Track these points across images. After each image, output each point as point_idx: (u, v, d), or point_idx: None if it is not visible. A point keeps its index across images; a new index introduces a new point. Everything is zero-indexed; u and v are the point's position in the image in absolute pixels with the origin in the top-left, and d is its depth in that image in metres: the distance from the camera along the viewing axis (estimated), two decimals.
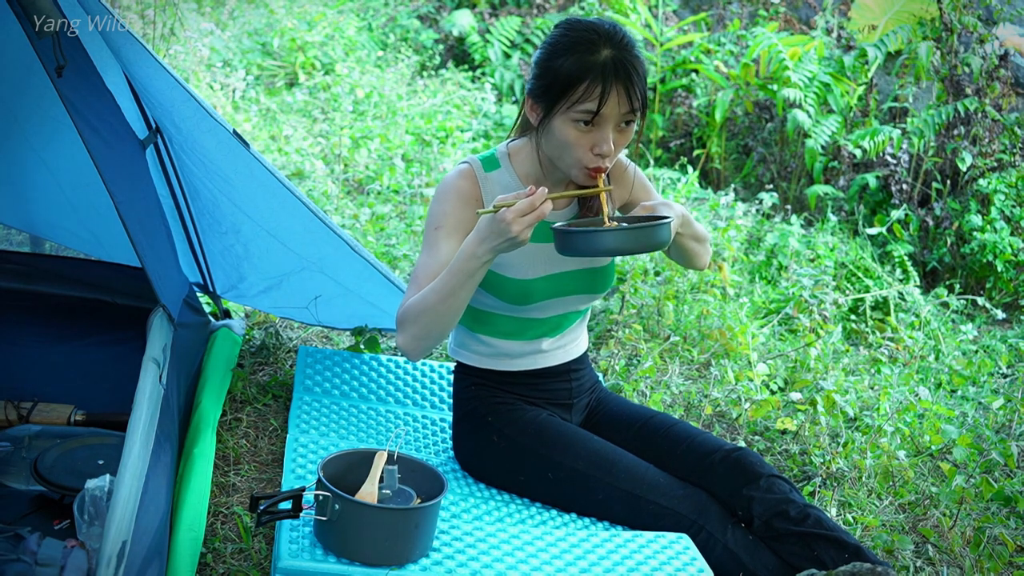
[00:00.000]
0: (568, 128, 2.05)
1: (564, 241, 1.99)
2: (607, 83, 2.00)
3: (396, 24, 6.90)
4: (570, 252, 2.01)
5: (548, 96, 2.06)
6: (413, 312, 2.05)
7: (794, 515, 2.07)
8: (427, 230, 2.18)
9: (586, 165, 2.07)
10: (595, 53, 2.02)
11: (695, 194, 4.78)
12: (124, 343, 2.75)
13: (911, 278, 4.20)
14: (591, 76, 2.00)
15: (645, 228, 1.97)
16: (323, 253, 2.80)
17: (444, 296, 2.01)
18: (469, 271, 1.99)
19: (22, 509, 2.09)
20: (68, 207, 2.96)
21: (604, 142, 2.04)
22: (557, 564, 1.98)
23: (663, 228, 1.98)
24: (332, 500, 1.83)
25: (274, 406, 2.68)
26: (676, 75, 5.70)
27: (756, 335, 3.45)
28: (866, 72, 5.06)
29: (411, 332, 2.07)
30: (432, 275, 2.09)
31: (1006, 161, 4.63)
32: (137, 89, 2.51)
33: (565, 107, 2.03)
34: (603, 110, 2.01)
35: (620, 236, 1.97)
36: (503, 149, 2.25)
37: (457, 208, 2.16)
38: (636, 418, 2.36)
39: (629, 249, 2.01)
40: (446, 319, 2.04)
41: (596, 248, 1.98)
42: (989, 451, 2.84)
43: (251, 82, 5.84)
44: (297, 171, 4.66)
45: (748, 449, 2.19)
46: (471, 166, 2.21)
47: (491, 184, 2.20)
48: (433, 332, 2.06)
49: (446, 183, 2.19)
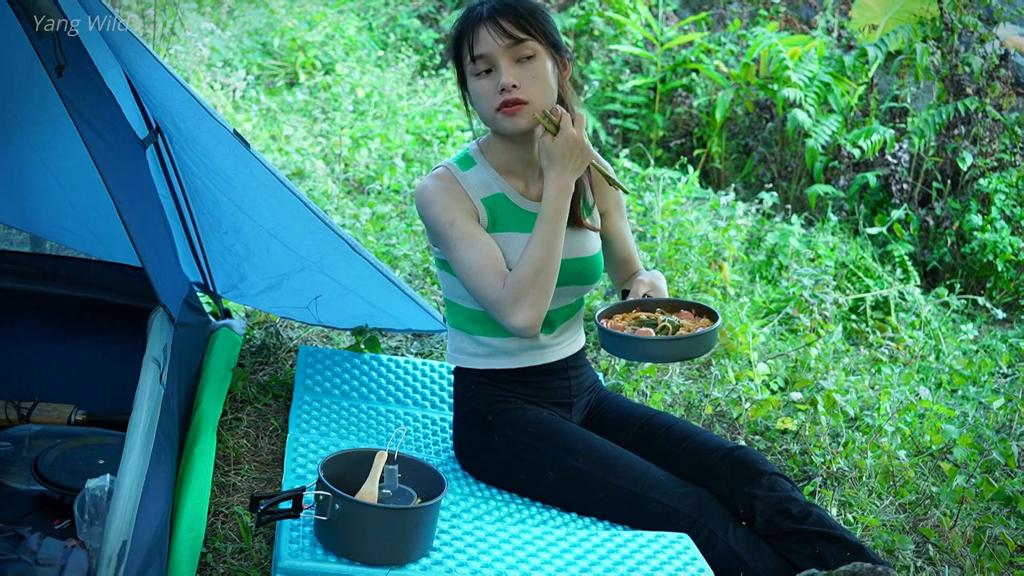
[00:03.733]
0: (475, 85, 2.17)
1: (606, 341, 2.09)
2: (478, 26, 2.14)
3: (396, 24, 6.91)
4: (611, 350, 2.11)
5: (457, 72, 2.21)
6: (525, 280, 2.10)
7: (796, 513, 2.07)
8: (442, 232, 2.19)
9: (496, 106, 2.14)
10: (471, 11, 2.18)
11: (695, 194, 4.78)
12: (124, 343, 2.75)
13: (911, 278, 4.20)
14: (464, 27, 2.17)
15: (696, 337, 2.03)
16: (323, 253, 2.80)
17: (549, 244, 2.11)
18: (560, 208, 2.11)
19: (22, 509, 2.09)
20: (68, 207, 2.96)
21: (503, 77, 2.13)
22: (557, 564, 1.98)
23: (706, 338, 2.05)
24: (332, 500, 1.83)
25: (274, 406, 2.68)
26: (676, 75, 5.70)
27: (756, 335, 3.45)
28: (866, 72, 5.05)
29: (531, 300, 2.11)
30: (494, 256, 2.16)
31: (1006, 161, 4.63)
32: (137, 89, 2.51)
33: (467, 65, 2.17)
34: (482, 50, 2.13)
35: (669, 345, 2.05)
36: (474, 147, 2.30)
37: (453, 201, 2.20)
38: (637, 417, 2.36)
39: (678, 357, 2.11)
40: (555, 269, 2.13)
41: (646, 355, 2.11)
42: (990, 451, 2.84)
43: (251, 82, 5.84)
44: (297, 171, 4.66)
45: (749, 448, 2.19)
46: (447, 168, 2.25)
47: (470, 181, 2.23)
48: (548, 289, 2.13)
49: (427, 189, 2.22)
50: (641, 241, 4.07)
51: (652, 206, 4.26)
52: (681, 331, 2.05)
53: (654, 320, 2.10)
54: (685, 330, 2.05)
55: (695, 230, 4.11)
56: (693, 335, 2.00)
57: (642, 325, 2.09)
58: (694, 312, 2.15)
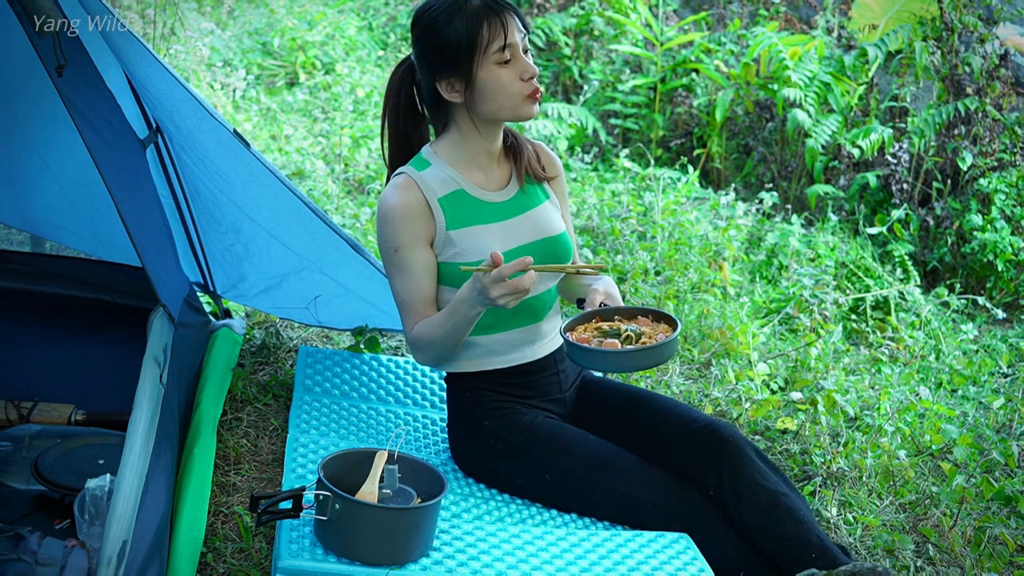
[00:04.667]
0: (495, 72, 2.17)
1: (575, 354, 2.10)
2: (501, 16, 2.17)
3: (396, 24, 6.91)
4: (580, 363, 2.12)
5: (461, 61, 2.17)
6: (424, 342, 2.23)
7: (764, 503, 2.08)
8: (385, 253, 2.24)
9: (524, 93, 2.19)
10: (470, 4, 2.17)
11: (695, 194, 4.78)
12: (124, 343, 2.75)
13: (911, 278, 4.20)
14: (485, 17, 2.16)
15: (655, 348, 2.05)
16: (323, 253, 2.80)
17: (449, 332, 2.17)
18: (468, 317, 2.14)
19: (22, 509, 2.09)
20: (68, 207, 2.96)
21: (528, 66, 2.19)
22: (557, 564, 1.98)
23: (671, 345, 2.07)
24: (332, 500, 1.83)
25: (274, 406, 2.68)
26: (676, 75, 5.70)
27: (756, 335, 3.45)
28: (866, 72, 5.05)
29: (428, 355, 2.26)
30: (418, 296, 2.22)
31: (1007, 161, 4.63)
32: (137, 89, 2.51)
33: (482, 56, 2.16)
34: (509, 38, 2.16)
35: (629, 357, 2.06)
36: (427, 150, 2.31)
37: (406, 224, 2.21)
38: (618, 399, 2.37)
39: (644, 366, 2.10)
40: (457, 346, 2.23)
41: (614, 367, 2.12)
42: (990, 451, 2.84)
43: (251, 82, 5.84)
44: (297, 171, 4.66)
45: (720, 422, 2.18)
46: (406, 174, 2.26)
47: (427, 180, 2.25)
48: (448, 355, 2.27)
49: (387, 203, 2.23)
50: (641, 241, 4.07)
51: (652, 206, 4.26)
52: (644, 339, 2.08)
53: (616, 330, 2.12)
54: (647, 337, 2.09)
55: (695, 230, 4.11)
56: (657, 345, 2.04)
57: (605, 336, 2.11)
58: (651, 318, 2.17)
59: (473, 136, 2.27)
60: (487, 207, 2.28)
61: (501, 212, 2.28)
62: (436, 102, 2.25)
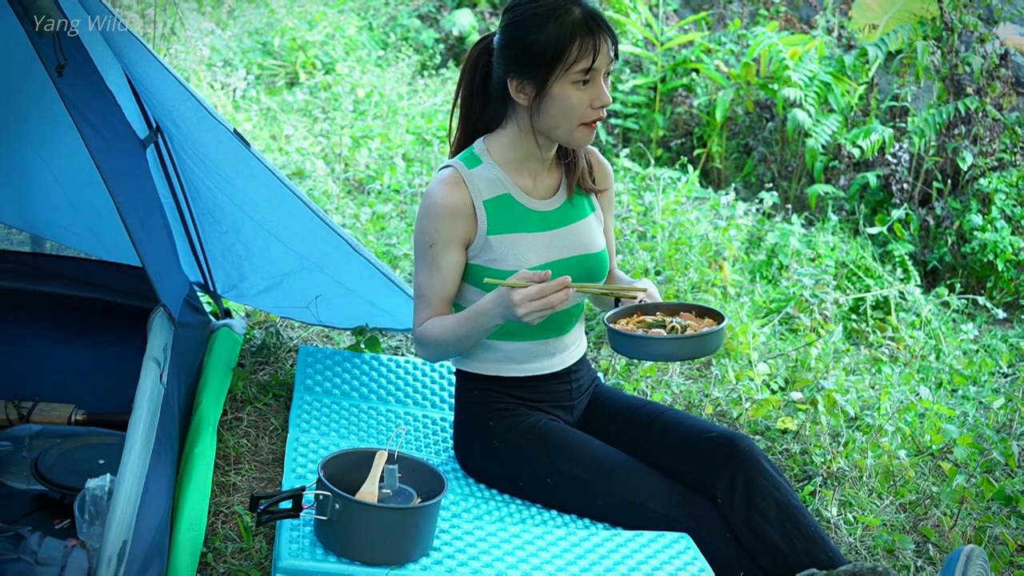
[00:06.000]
0: (568, 91, 2.11)
1: (621, 343, 2.09)
2: (595, 37, 2.10)
3: (397, 23, 6.90)
4: (626, 352, 2.11)
5: (540, 69, 2.11)
6: (431, 340, 2.20)
7: (773, 516, 2.08)
8: (419, 245, 2.21)
9: (586, 121, 2.15)
10: (570, 14, 2.10)
11: (695, 193, 4.78)
12: (124, 343, 2.75)
13: (912, 277, 4.20)
14: (580, 35, 2.09)
15: (703, 336, 2.05)
16: (323, 252, 2.80)
17: (461, 338, 2.17)
18: (484, 327, 2.13)
19: (23, 508, 2.09)
20: (68, 207, 2.96)
21: (603, 94, 2.13)
22: (557, 564, 1.98)
23: (719, 335, 2.07)
24: (332, 500, 1.83)
25: (274, 405, 2.68)
26: (676, 74, 5.70)
27: (757, 334, 3.45)
28: (867, 71, 5.05)
29: (431, 352, 2.24)
30: (439, 293, 2.20)
31: (1007, 160, 4.63)
32: (137, 88, 2.51)
33: (562, 72, 2.10)
34: (596, 62, 2.10)
35: (683, 344, 2.06)
36: (480, 146, 2.26)
37: (447, 222, 2.18)
38: (627, 409, 2.36)
39: (691, 355, 2.11)
40: (463, 350, 2.24)
41: (661, 354, 2.13)
42: (990, 451, 2.84)
43: (252, 81, 5.84)
44: (298, 170, 4.66)
45: (734, 433, 2.18)
46: (454, 168, 2.22)
47: (476, 180, 2.21)
48: (452, 356, 2.27)
49: (431, 198, 2.19)
50: (641, 241, 4.07)
51: (652, 206, 4.26)
52: (690, 331, 2.07)
53: (661, 322, 2.12)
54: (692, 330, 2.08)
55: (695, 230, 4.11)
56: (704, 333, 2.04)
57: (650, 328, 2.11)
58: (694, 313, 2.16)
59: (529, 140, 2.21)
60: (531, 215, 2.24)
61: (545, 222, 2.25)
62: (503, 95, 2.20)
